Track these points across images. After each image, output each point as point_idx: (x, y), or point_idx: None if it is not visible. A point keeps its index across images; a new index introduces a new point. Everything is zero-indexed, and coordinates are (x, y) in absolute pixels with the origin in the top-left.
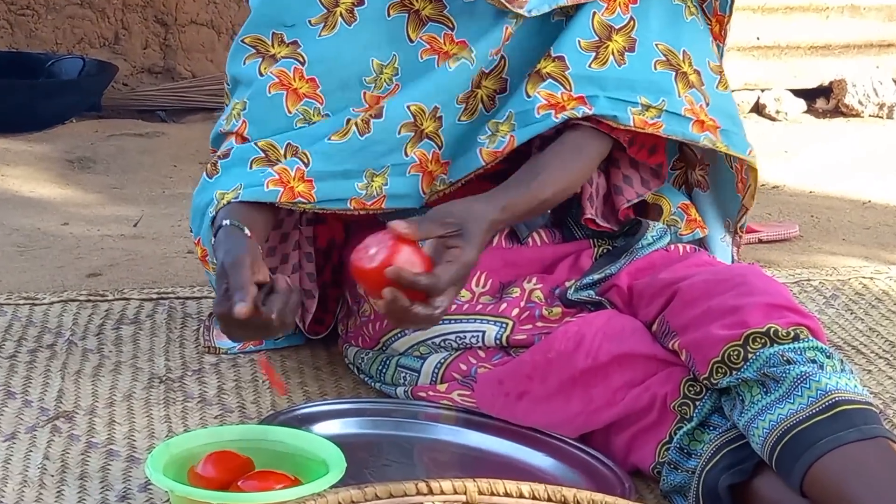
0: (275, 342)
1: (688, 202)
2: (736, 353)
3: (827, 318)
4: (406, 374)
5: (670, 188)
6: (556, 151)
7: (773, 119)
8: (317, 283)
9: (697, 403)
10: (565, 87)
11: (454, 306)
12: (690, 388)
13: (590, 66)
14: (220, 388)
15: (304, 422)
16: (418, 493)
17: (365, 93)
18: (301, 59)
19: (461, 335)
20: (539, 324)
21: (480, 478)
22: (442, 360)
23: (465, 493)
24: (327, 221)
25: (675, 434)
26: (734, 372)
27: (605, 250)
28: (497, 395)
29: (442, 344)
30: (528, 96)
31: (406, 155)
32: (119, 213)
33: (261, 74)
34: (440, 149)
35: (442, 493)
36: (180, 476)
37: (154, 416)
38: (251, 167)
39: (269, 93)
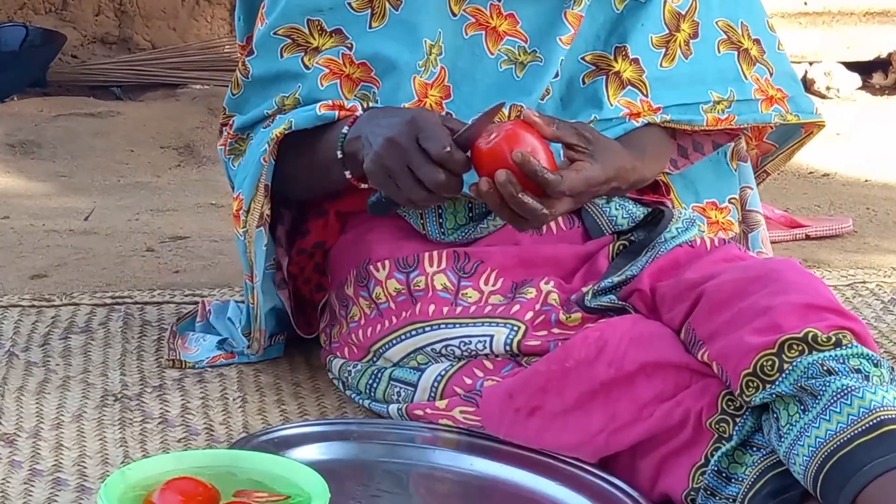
0: (248, 356)
1: (702, 204)
2: (769, 363)
3: (885, 326)
4: (400, 388)
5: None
6: (647, 133)
7: (822, 96)
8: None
9: (738, 420)
10: (642, 93)
11: (458, 308)
12: (730, 403)
13: (661, 66)
14: (184, 406)
15: (282, 446)
16: None
17: (415, 78)
18: (349, 45)
19: (466, 341)
20: (555, 330)
21: None
22: (443, 372)
23: None
24: (328, 218)
25: (713, 456)
26: (768, 385)
27: (621, 246)
28: (506, 412)
29: (443, 352)
30: (611, 104)
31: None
32: (68, 204)
33: (306, 67)
34: None
35: None
36: None
37: (108, 440)
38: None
39: (322, 85)
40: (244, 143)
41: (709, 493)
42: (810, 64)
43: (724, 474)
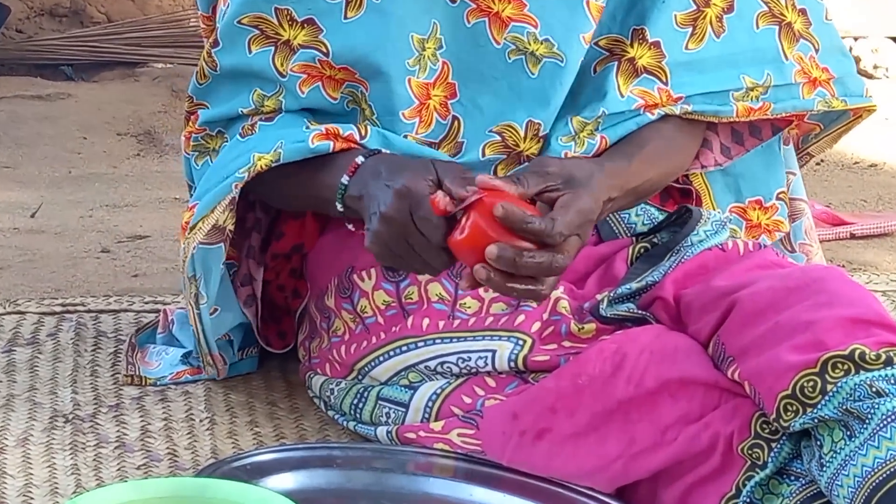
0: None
1: (745, 203)
2: (811, 383)
3: None
4: (390, 409)
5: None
6: (657, 128)
7: (869, 76)
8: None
9: (773, 446)
10: (662, 81)
11: (456, 321)
12: (764, 426)
13: (687, 48)
14: (144, 429)
15: (255, 473)
16: None
17: (410, 80)
18: (324, 49)
19: (465, 357)
20: (566, 343)
21: None
22: (438, 391)
23: None
24: (304, 219)
25: (745, 486)
26: (808, 409)
27: (642, 249)
28: (510, 435)
29: (438, 369)
30: (622, 95)
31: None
32: (11, 199)
33: (282, 75)
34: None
35: None
36: None
37: (57, 466)
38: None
39: (303, 92)
40: (212, 140)
41: None
42: (855, 40)
43: None
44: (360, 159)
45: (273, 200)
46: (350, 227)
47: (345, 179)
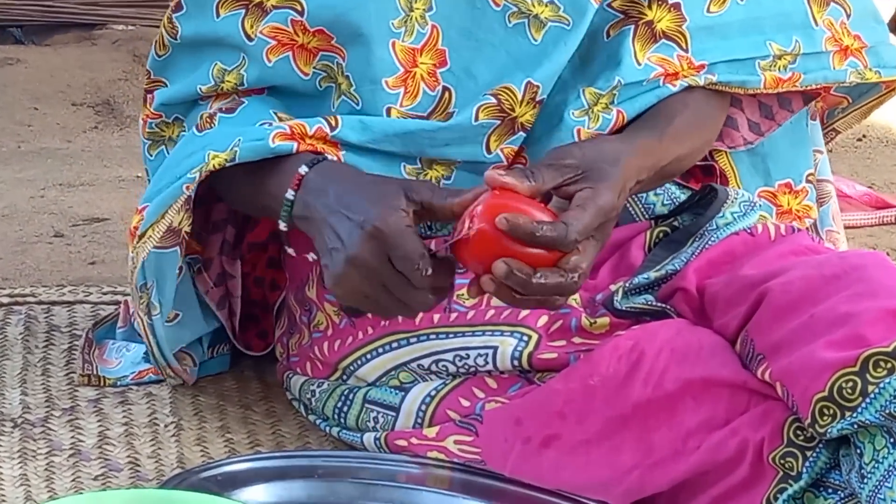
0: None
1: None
2: (850, 384)
3: None
4: (378, 413)
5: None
6: (682, 100)
7: None
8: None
9: (809, 455)
10: (682, 48)
11: (453, 315)
12: (798, 433)
13: (708, 10)
14: (102, 435)
15: (227, 485)
16: None
17: (394, 44)
18: (299, 8)
19: (463, 354)
20: (576, 339)
21: None
22: (432, 393)
23: None
24: None
25: (777, 499)
26: (847, 413)
27: (661, 234)
28: (513, 443)
29: (433, 368)
30: (639, 63)
31: (489, 151)
32: None
33: (249, 38)
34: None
35: None
36: None
37: (4, 476)
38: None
39: (270, 61)
40: (168, 128)
41: None
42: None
43: None
44: (303, 170)
45: (230, 203)
46: (291, 251)
47: (290, 194)
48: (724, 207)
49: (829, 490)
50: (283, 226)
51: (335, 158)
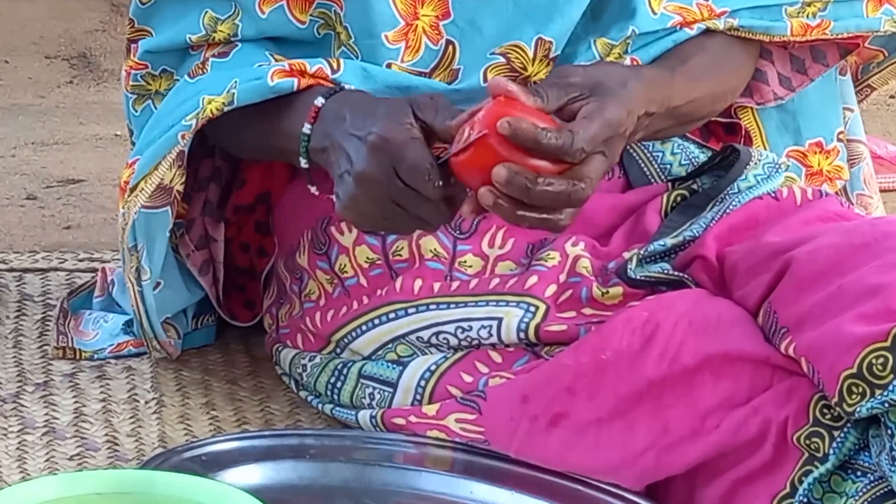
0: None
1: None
2: (881, 360)
3: None
4: (374, 389)
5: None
6: (700, 43)
7: None
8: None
9: (836, 435)
10: None
11: (455, 283)
12: (825, 411)
13: None
14: (78, 412)
15: (212, 466)
16: None
17: None
18: None
19: (465, 326)
20: (587, 310)
21: None
22: (432, 367)
23: None
24: (273, 163)
25: (801, 482)
26: (878, 391)
27: (679, 198)
28: (518, 421)
29: (433, 341)
30: (654, 12)
31: None
32: None
33: None
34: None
35: None
36: None
37: None
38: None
39: (263, 13)
40: (155, 81)
41: None
42: None
43: None
44: (319, 101)
45: (233, 151)
46: (313, 190)
47: (306, 128)
48: (747, 169)
49: (858, 473)
50: (303, 163)
51: (353, 88)
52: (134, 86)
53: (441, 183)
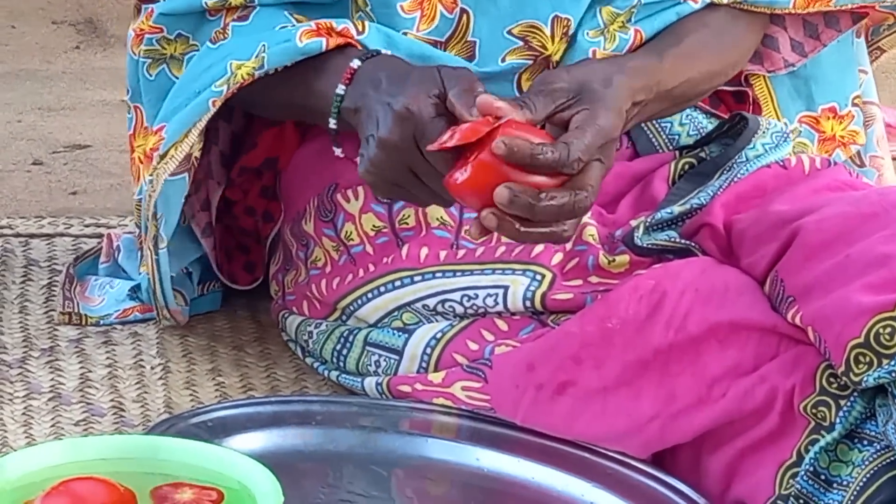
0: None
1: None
2: (888, 330)
3: None
4: (380, 356)
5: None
6: (701, 19)
7: None
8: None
9: (842, 404)
10: None
11: (461, 251)
12: (832, 380)
13: None
14: (83, 377)
15: (218, 432)
16: None
17: None
18: None
19: (471, 294)
20: (593, 278)
21: None
22: (438, 335)
23: None
24: (283, 127)
25: (808, 451)
26: (885, 361)
27: (687, 166)
28: (524, 389)
29: (439, 308)
30: None
31: (520, 90)
32: None
33: None
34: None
35: None
36: None
37: None
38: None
39: None
40: (170, 45)
41: (801, 502)
42: None
43: (822, 477)
44: (355, 63)
45: (257, 111)
46: (338, 152)
47: (340, 89)
48: (755, 138)
49: (865, 442)
50: (332, 123)
51: (389, 53)
52: (148, 50)
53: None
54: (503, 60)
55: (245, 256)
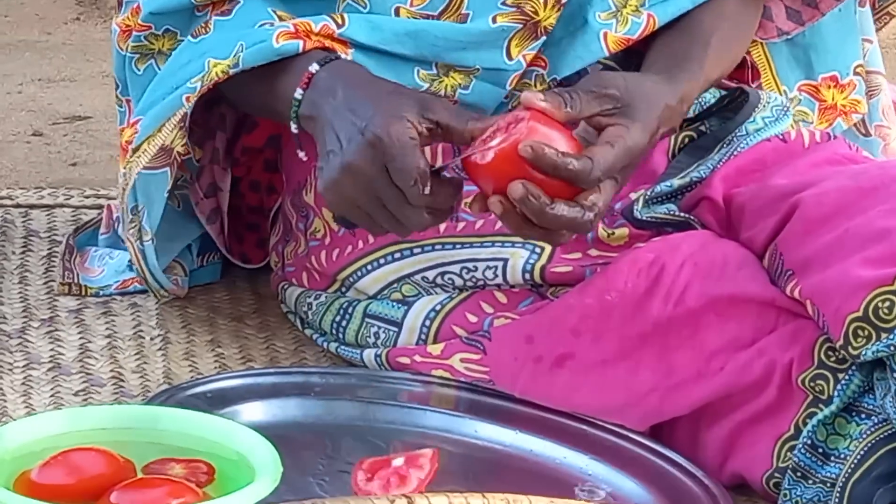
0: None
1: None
2: (887, 304)
3: None
4: (379, 328)
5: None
6: (719, 11)
7: None
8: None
9: (840, 377)
10: None
11: (461, 224)
12: (830, 354)
13: None
14: (83, 348)
15: (217, 402)
16: None
17: None
18: None
19: (470, 267)
20: (592, 251)
21: (494, 492)
22: (437, 307)
23: None
24: None
25: (805, 424)
26: (884, 335)
27: (686, 139)
28: (523, 362)
29: (438, 281)
30: None
31: (510, 58)
32: None
33: None
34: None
35: None
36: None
37: None
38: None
39: None
40: (158, 40)
41: (799, 474)
42: None
43: (820, 450)
44: (313, 67)
45: (239, 108)
46: (301, 155)
47: (298, 93)
48: (755, 112)
49: (862, 415)
50: (293, 127)
51: (348, 58)
52: (135, 46)
53: (429, 191)
54: (494, 21)
55: (256, 234)
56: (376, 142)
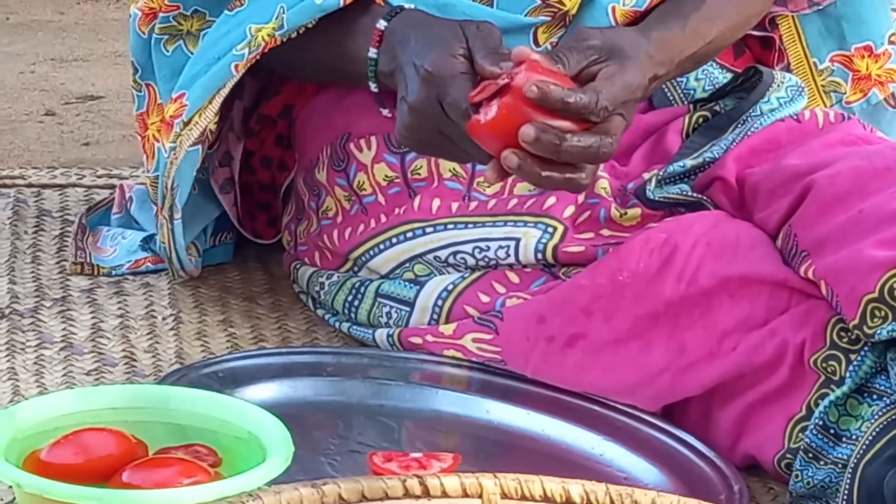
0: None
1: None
2: None
3: None
4: (391, 308)
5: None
6: None
7: None
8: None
9: (853, 358)
10: None
11: (473, 203)
12: (842, 334)
13: None
14: (95, 327)
15: (229, 382)
16: (407, 493)
17: None
18: None
19: (483, 246)
20: (605, 231)
21: (505, 472)
22: (450, 287)
23: (480, 496)
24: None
25: (817, 405)
26: None
27: (700, 119)
28: (535, 341)
29: (450, 260)
30: None
31: (537, 44)
32: None
33: None
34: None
35: (445, 494)
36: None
37: None
38: None
39: None
40: (187, 21)
41: (810, 455)
42: None
43: (832, 431)
44: (381, 24)
45: (295, 76)
46: (385, 112)
47: (372, 52)
48: (770, 91)
49: (875, 396)
50: (373, 87)
51: (412, 6)
52: (164, 27)
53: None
54: (525, 14)
55: (267, 213)
56: (429, 78)
